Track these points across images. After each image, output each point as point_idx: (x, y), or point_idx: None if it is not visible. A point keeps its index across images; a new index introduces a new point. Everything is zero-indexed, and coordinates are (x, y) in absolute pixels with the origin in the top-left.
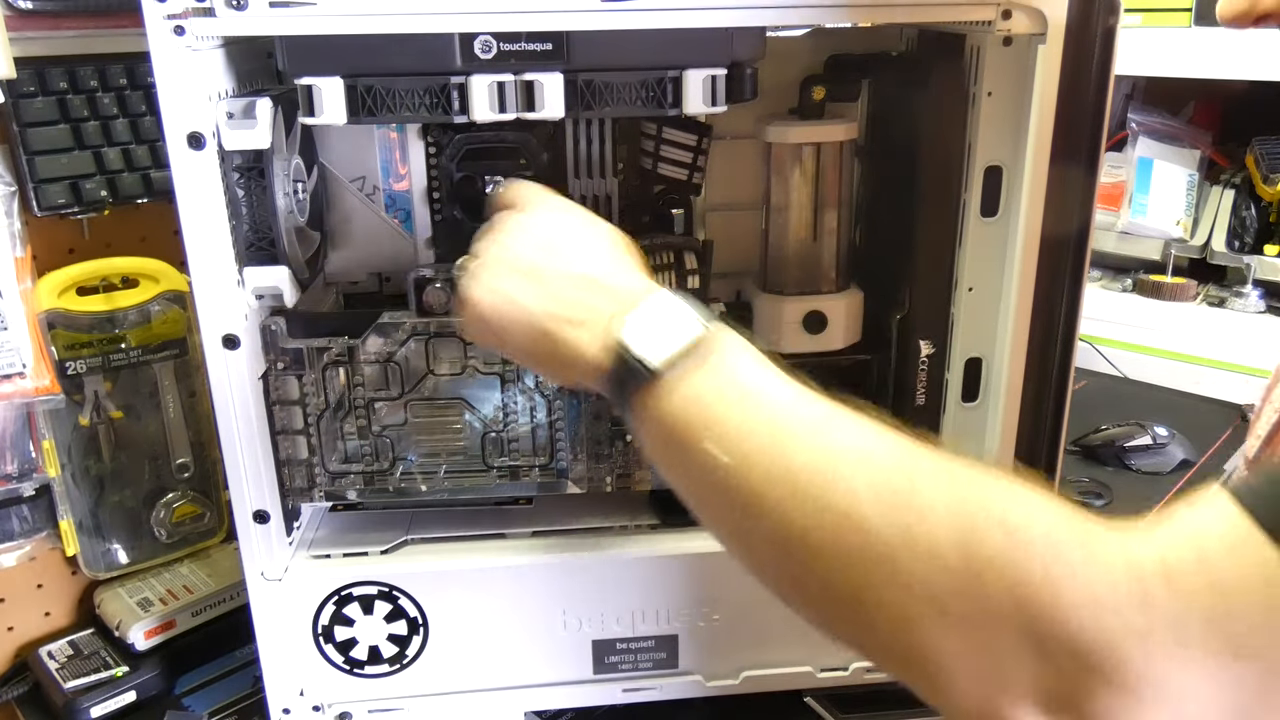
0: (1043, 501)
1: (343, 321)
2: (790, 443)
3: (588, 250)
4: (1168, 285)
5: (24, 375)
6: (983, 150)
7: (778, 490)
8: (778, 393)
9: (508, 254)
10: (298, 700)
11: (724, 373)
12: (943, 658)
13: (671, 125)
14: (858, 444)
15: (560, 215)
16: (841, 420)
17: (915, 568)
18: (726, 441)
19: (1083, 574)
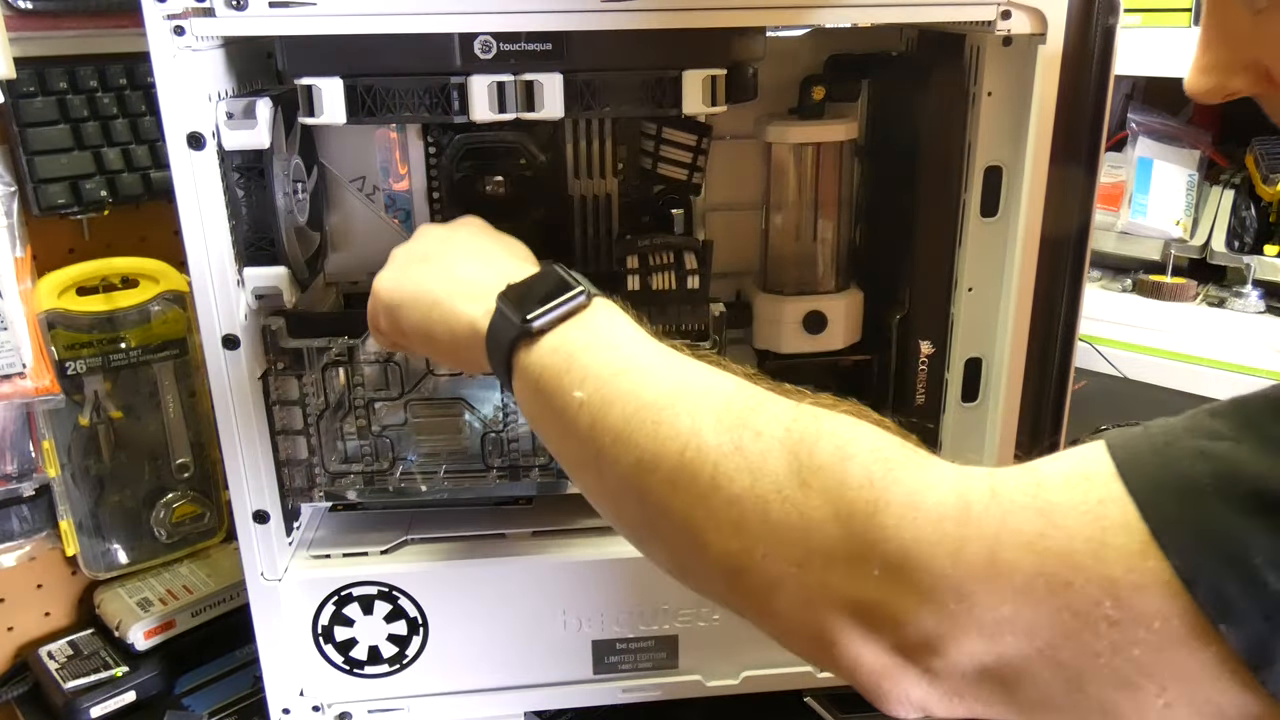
0: (882, 429)
1: (343, 321)
2: (646, 383)
3: (486, 246)
4: (1168, 285)
5: (24, 375)
6: (983, 150)
7: (632, 425)
8: (638, 345)
9: (411, 249)
10: (298, 700)
11: (591, 328)
12: (768, 568)
13: (671, 125)
14: (707, 381)
15: (467, 222)
16: (695, 366)
17: (746, 479)
18: (589, 384)
19: (907, 485)
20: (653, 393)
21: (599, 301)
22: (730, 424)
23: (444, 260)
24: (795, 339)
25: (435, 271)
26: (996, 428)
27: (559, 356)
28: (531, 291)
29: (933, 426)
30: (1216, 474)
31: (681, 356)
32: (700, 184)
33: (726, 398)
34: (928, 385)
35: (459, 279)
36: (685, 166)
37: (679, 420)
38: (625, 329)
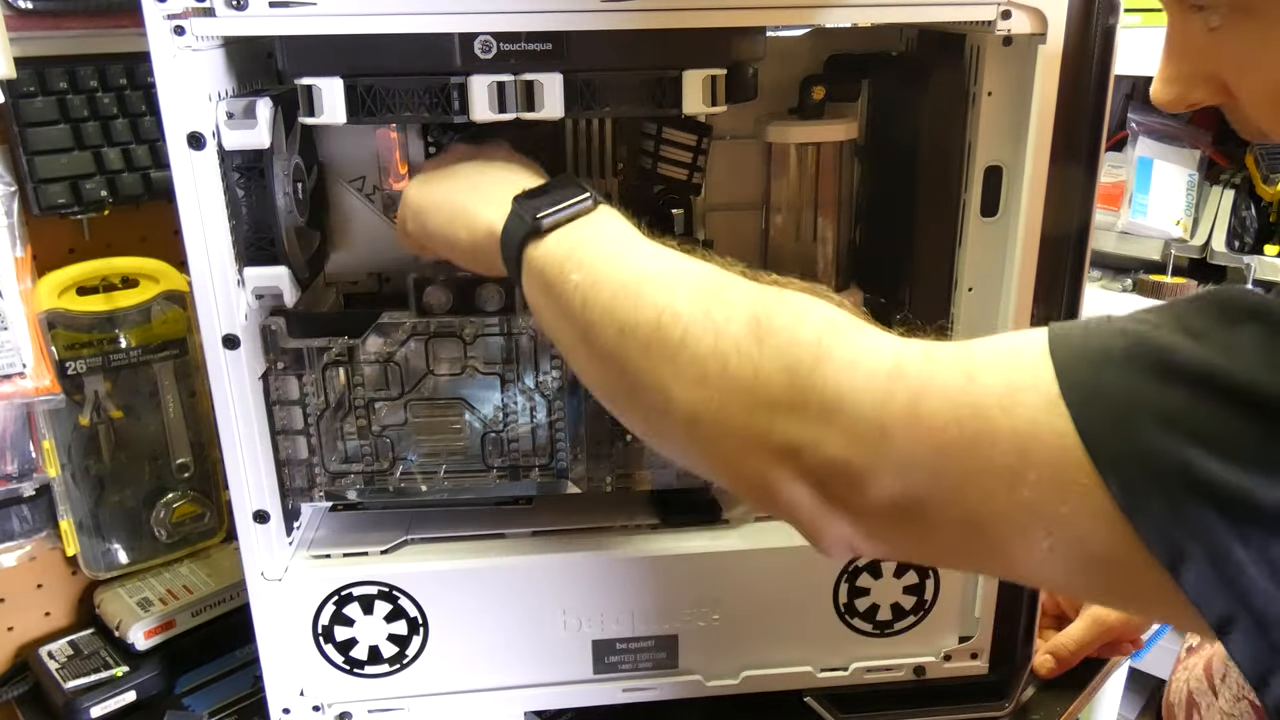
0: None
1: (343, 321)
2: (633, 265)
3: (508, 161)
4: (1168, 285)
5: (24, 375)
6: (983, 150)
7: (617, 300)
8: (632, 240)
9: (439, 161)
10: (298, 700)
11: (594, 225)
12: (722, 417)
13: (671, 125)
14: (688, 264)
15: (493, 142)
16: (680, 254)
17: (710, 339)
18: (584, 269)
19: (851, 344)
20: (638, 272)
21: (605, 208)
22: (702, 295)
23: (469, 171)
24: None
25: (460, 181)
26: None
27: (561, 248)
28: (544, 195)
29: None
30: (1128, 346)
31: (670, 249)
32: (700, 184)
33: (703, 276)
34: None
35: (481, 186)
36: (685, 166)
37: (658, 293)
38: (624, 228)
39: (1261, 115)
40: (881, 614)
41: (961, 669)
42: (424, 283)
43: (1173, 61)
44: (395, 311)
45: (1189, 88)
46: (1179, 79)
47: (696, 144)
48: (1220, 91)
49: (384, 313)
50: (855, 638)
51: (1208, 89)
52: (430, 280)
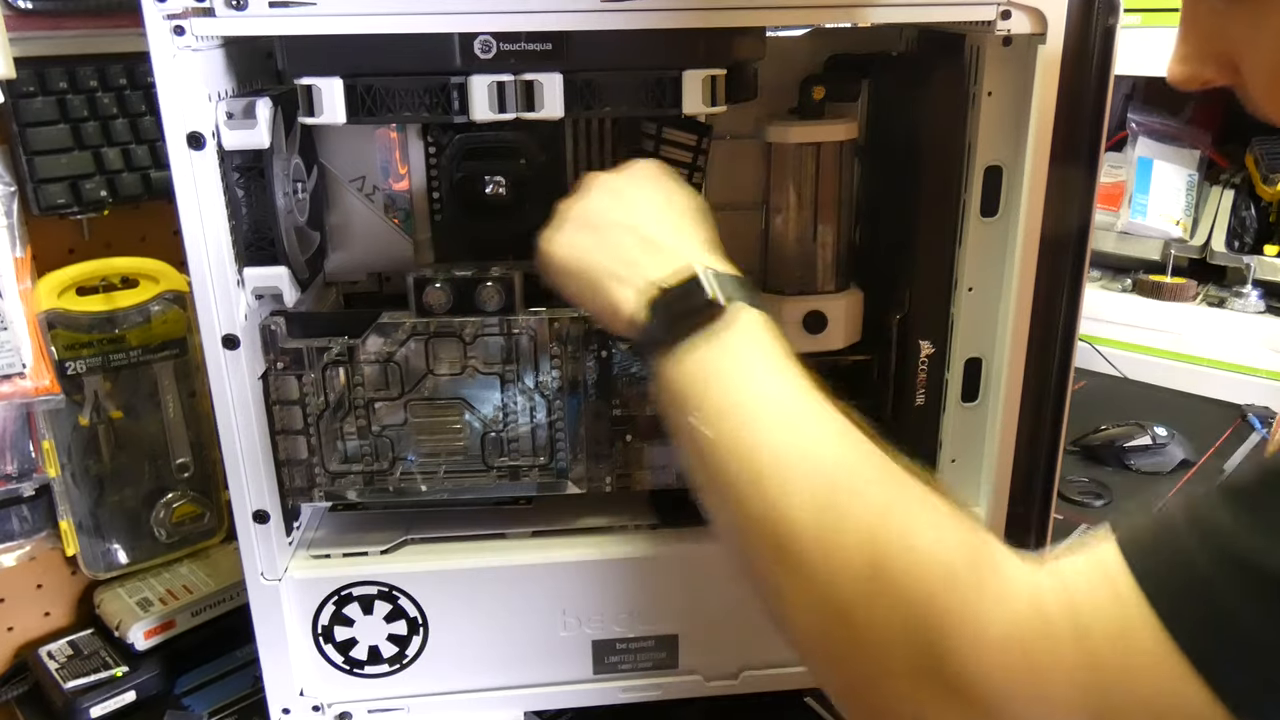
0: (953, 528)
1: (343, 321)
2: (756, 432)
3: (654, 211)
4: (1167, 285)
5: (24, 375)
6: (983, 150)
7: (729, 476)
8: (764, 381)
9: (581, 211)
10: (298, 700)
11: (724, 352)
12: (836, 652)
13: (671, 125)
14: (807, 444)
15: (641, 175)
16: (809, 419)
17: (824, 569)
18: (702, 413)
19: (972, 610)
20: (761, 453)
21: (741, 319)
22: (820, 503)
23: (608, 233)
24: (795, 339)
25: (598, 245)
26: (996, 428)
27: (685, 376)
28: (672, 303)
29: (933, 427)
30: (1220, 566)
31: (800, 395)
32: (700, 184)
33: (821, 469)
34: (928, 385)
35: (618, 258)
36: (685, 166)
37: (769, 487)
38: (755, 356)
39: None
40: None
41: None
42: (424, 283)
43: (1185, 41)
44: (395, 311)
45: (1200, 66)
46: (1191, 58)
47: (696, 144)
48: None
49: (384, 313)
50: None
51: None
52: (430, 280)
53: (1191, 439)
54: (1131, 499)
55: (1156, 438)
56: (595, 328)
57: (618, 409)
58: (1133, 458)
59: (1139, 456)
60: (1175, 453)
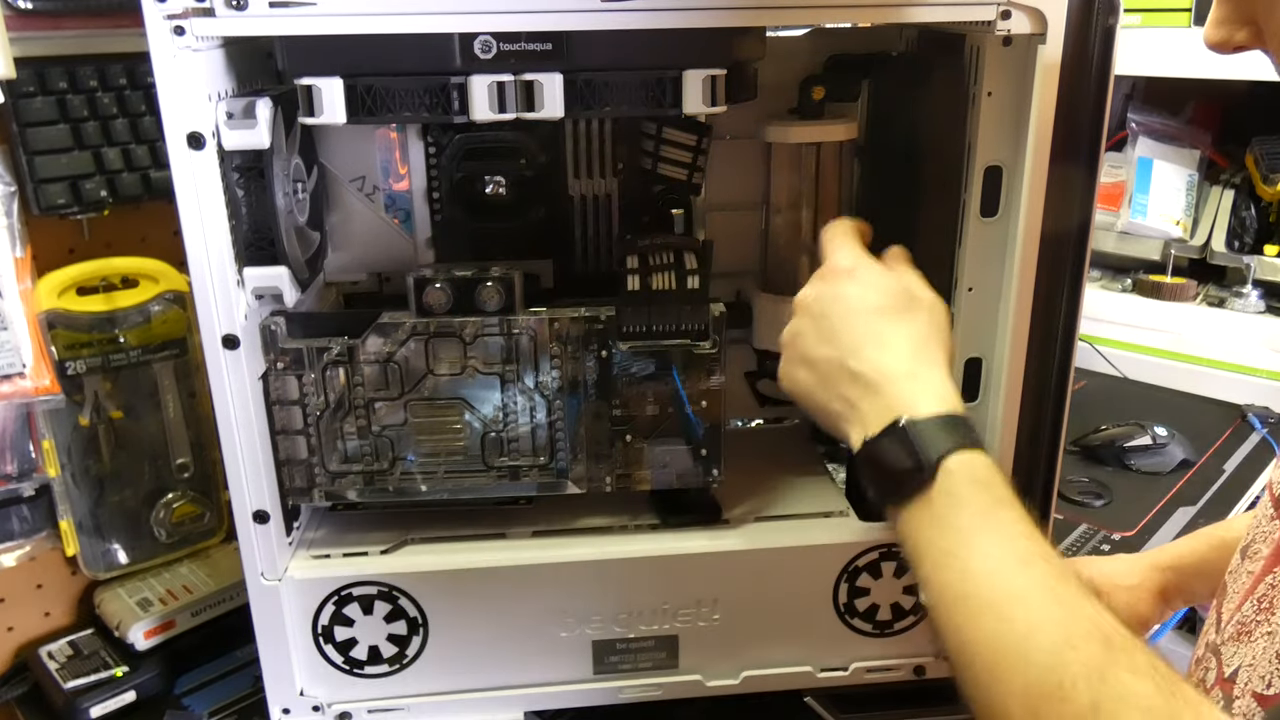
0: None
1: (343, 321)
2: (966, 613)
3: (879, 344)
4: (1167, 285)
5: (24, 375)
6: (983, 150)
7: (953, 647)
8: (972, 555)
9: (796, 344)
10: (298, 700)
11: (932, 521)
12: None
13: (671, 125)
14: (1019, 634)
15: (836, 285)
16: (1018, 598)
17: None
18: (924, 585)
19: None
20: (960, 628)
21: (944, 475)
22: (1029, 703)
23: (821, 369)
24: None
25: (818, 384)
26: (997, 427)
27: (908, 543)
28: (881, 463)
29: None
30: None
31: (1001, 571)
32: (700, 184)
33: (1029, 662)
34: None
35: (838, 399)
36: (685, 166)
37: (980, 674)
38: (968, 517)
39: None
40: (881, 614)
41: None
42: (424, 283)
43: (1220, 5)
44: (395, 311)
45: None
46: (1225, 22)
47: (696, 144)
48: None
49: (384, 313)
50: (855, 638)
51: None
52: (430, 280)
53: (1191, 439)
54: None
55: (1156, 438)
56: (595, 328)
57: (618, 409)
58: (1133, 458)
59: (1139, 456)
60: (1175, 453)
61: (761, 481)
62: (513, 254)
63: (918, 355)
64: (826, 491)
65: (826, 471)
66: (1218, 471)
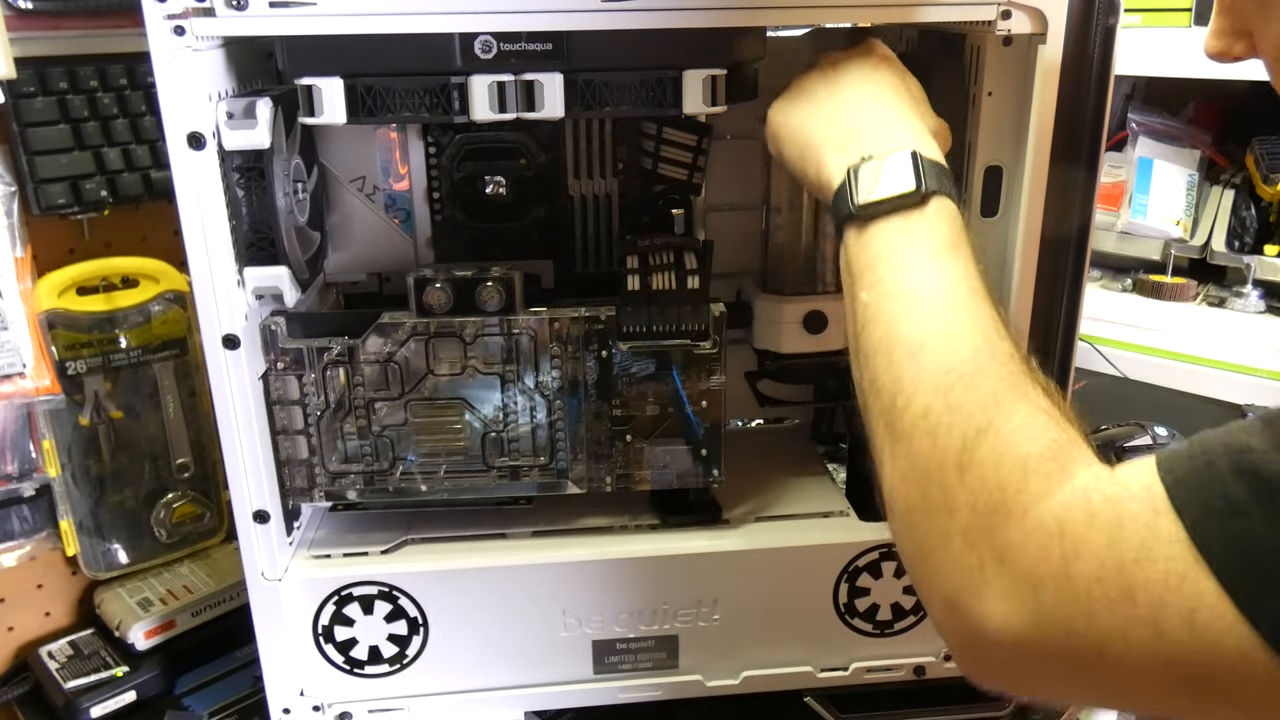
0: (1045, 426)
1: (343, 321)
2: (906, 318)
3: (884, 91)
4: (1168, 285)
5: (24, 375)
6: (983, 150)
7: (877, 351)
8: (932, 267)
9: (815, 83)
10: (298, 700)
11: (907, 233)
12: (910, 518)
13: (671, 125)
14: (949, 335)
15: (874, 57)
16: (958, 311)
17: (926, 443)
18: (874, 292)
19: (1032, 495)
20: (904, 330)
21: (931, 206)
22: (937, 387)
23: (835, 105)
24: (795, 339)
25: (824, 116)
26: None
27: (868, 251)
28: (875, 175)
29: None
30: (1253, 490)
31: (951, 287)
32: (700, 184)
33: (949, 357)
34: None
35: (836, 127)
36: (685, 166)
37: (904, 367)
38: (934, 243)
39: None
40: (881, 614)
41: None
42: (424, 283)
43: (1219, 17)
44: (395, 311)
45: (1231, 42)
46: (1223, 34)
47: (696, 144)
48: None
49: (384, 313)
50: (855, 638)
51: (1245, 45)
52: (430, 280)
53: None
54: None
55: (1156, 438)
56: (595, 328)
57: (618, 409)
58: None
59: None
60: None
61: (761, 481)
62: (513, 254)
63: (924, 123)
64: (826, 491)
65: (826, 471)
66: None
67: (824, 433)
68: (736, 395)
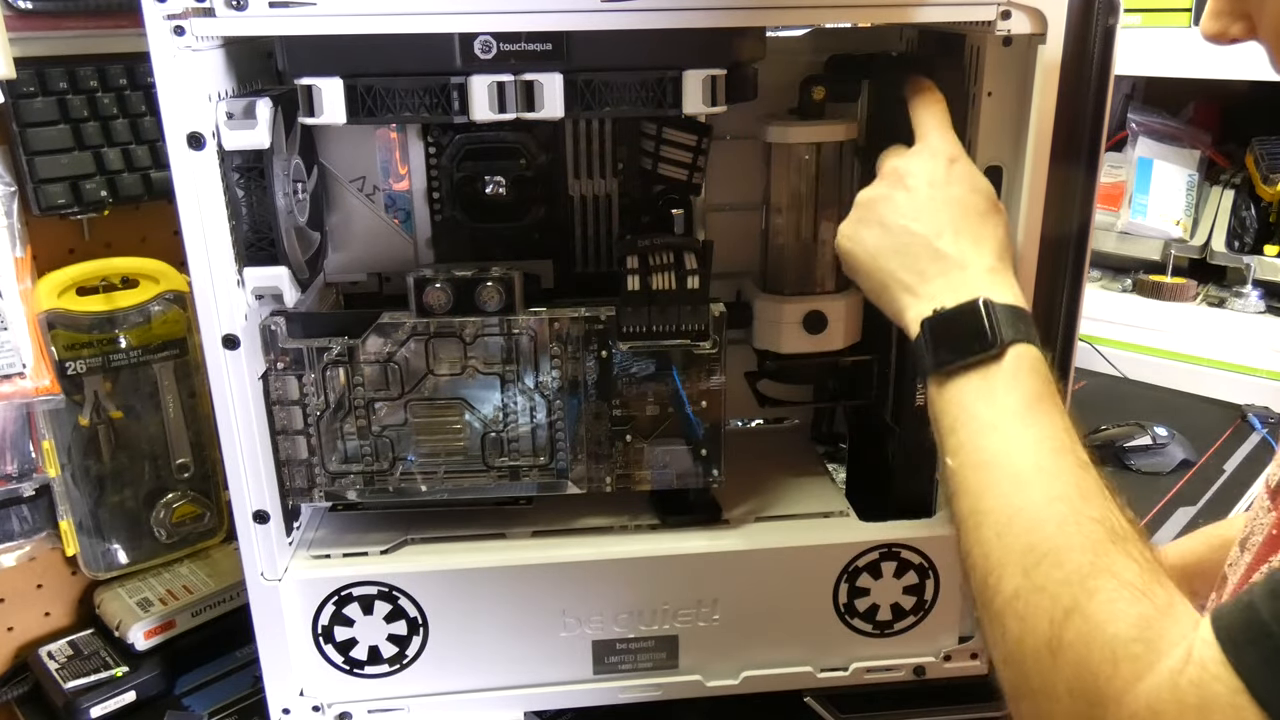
0: (1133, 599)
1: (343, 321)
2: (989, 479)
3: (948, 215)
4: (1167, 285)
5: (24, 375)
6: (983, 150)
7: (965, 510)
8: (1012, 430)
9: (877, 207)
10: (298, 700)
11: (985, 392)
12: (1017, 689)
13: (671, 125)
14: (1033, 508)
15: (940, 165)
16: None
17: (1016, 627)
18: (953, 449)
19: (1120, 684)
20: (989, 503)
21: (1011, 357)
22: (1025, 566)
23: (900, 236)
24: (795, 339)
25: (890, 249)
26: None
27: (950, 413)
28: (948, 331)
29: None
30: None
31: (1034, 452)
32: (700, 184)
33: (1034, 533)
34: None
35: (908, 268)
36: (685, 166)
37: (991, 545)
38: (1015, 402)
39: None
40: (881, 614)
41: (961, 669)
42: (424, 283)
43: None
44: (395, 311)
45: (1228, 23)
46: (1220, 15)
47: (696, 144)
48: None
49: (384, 313)
50: (855, 638)
51: (1243, 26)
52: (430, 280)
53: (1191, 439)
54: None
55: (1156, 438)
56: (595, 328)
57: (618, 409)
58: (1133, 458)
59: (1139, 456)
60: (1175, 453)
61: (761, 481)
62: (513, 254)
63: (1000, 256)
64: (826, 491)
65: (826, 471)
66: (1218, 471)
67: (824, 433)
68: (736, 395)
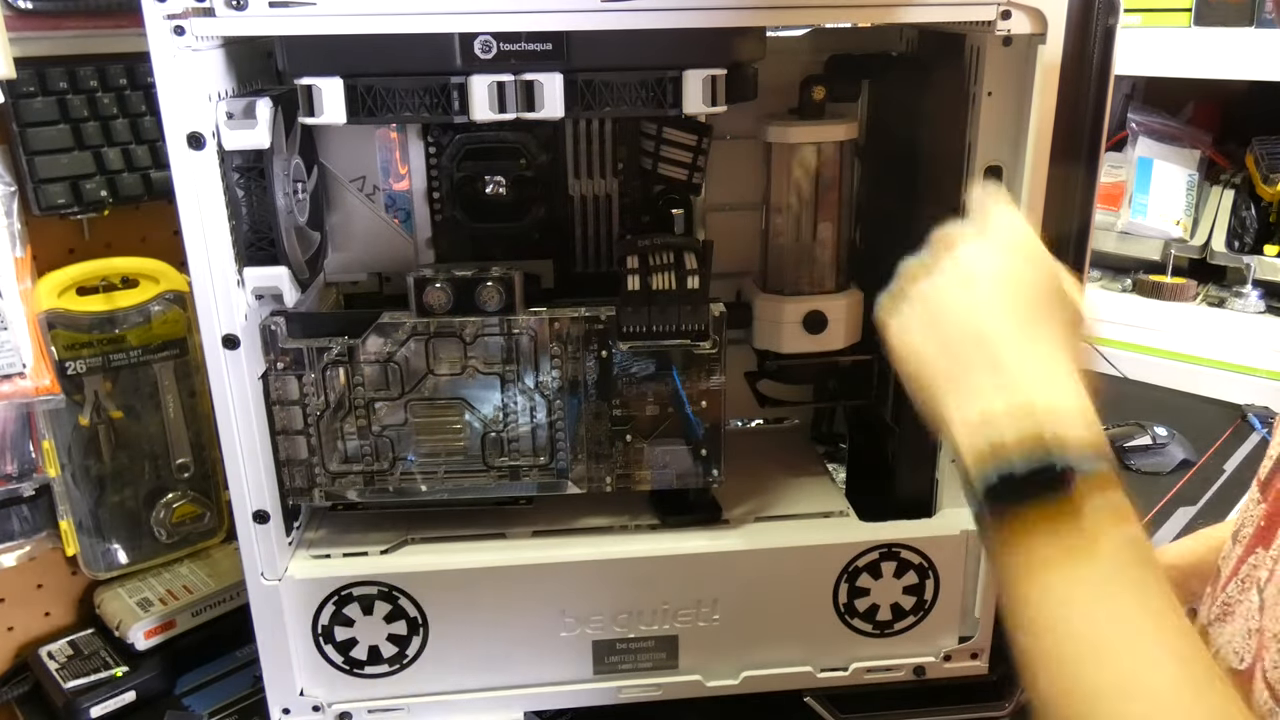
0: None
1: (343, 321)
2: (1067, 666)
3: (1007, 317)
4: (1167, 285)
5: (24, 375)
6: (983, 150)
7: (1043, 689)
8: (1084, 591)
9: (928, 295)
10: (298, 700)
11: (1053, 540)
12: None
13: (671, 125)
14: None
15: (1003, 254)
16: (1119, 660)
17: None
18: (1023, 619)
19: None
20: (1069, 684)
21: (1087, 503)
22: None
23: (951, 333)
24: (795, 339)
25: (938, 346)
26: None
27: (1011, 559)
28: (1008, 462)
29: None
30: None
31: (1122, 637)
32: (700, 184)
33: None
34: None
35: (958, 373)
36: (685, 166)
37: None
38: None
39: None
40: (881, 614)
41: (961, 669)
42: (424, 283)
43: None
44: (395, 311)
45: None
46: None
47: (696, 144)
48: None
49: (384, 313)
50: (855, 638)
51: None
52: (430, 280)
53: (1191, 439)
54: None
55: (1156, 438)
56: (595, 328)
57: (618, 409)
58: (1133, 458)
59: (1139, 456)
60: (1175, 453)
61: (761, 481)
62: (513, 254)
63: (1067, 351)
64: (826, 491)
65: (826, 471)
66: (1218, 471)
67: (824, 433)
68: (736, 395)
